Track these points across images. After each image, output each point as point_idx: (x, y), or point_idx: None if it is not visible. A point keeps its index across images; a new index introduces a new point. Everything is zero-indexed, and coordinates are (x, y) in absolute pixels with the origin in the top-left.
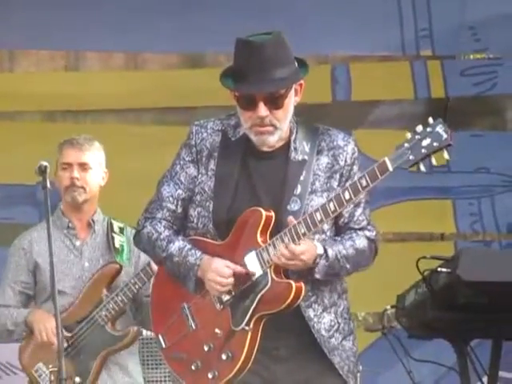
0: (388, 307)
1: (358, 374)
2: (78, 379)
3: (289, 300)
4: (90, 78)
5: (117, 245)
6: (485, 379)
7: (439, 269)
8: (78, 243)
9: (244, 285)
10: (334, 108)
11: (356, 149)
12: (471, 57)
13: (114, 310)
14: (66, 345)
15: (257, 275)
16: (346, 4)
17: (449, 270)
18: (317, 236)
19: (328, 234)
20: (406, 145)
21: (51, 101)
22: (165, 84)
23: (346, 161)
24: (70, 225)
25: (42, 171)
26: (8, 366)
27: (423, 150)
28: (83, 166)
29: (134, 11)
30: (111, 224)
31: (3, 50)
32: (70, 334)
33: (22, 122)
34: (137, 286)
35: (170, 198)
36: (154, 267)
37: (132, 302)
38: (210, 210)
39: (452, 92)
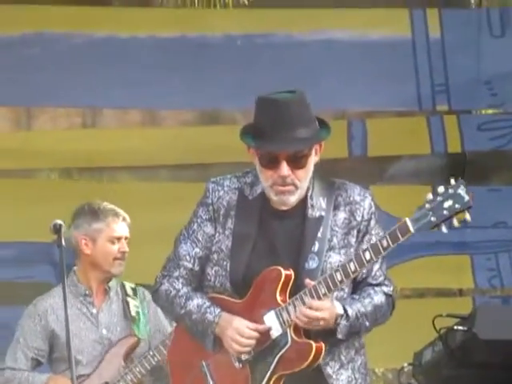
0: (405, 364)
1: None
2: None
3: (309, 360)
4: (107, 134)
5: (133, 313)
6: None
7: (455, 327)
8: (94, 311)
9: (264, 344)
10: (351, 163)
11: (373, 203)
12: (488, 112)
13: (132, 382)
14: None
15: (276, 335)
16: (362, 59)
17: (465, 328)
18: (335, 293)
19: (346, 290)
20: (428, 206)
21: (68, 158)
22: (181, 141)
23: (363, 216)
24: (87, 292)
25: (57, 230)
26: None
27: (445, 212)
28: (126, 240)
29: (149, 68)
30: (124, 287)
31: (20, 107)
32: None
33: (39, 180)
34: (155, 359)
35: (187, 257)
36: None
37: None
38: (228, 269)
39: (469, 147)
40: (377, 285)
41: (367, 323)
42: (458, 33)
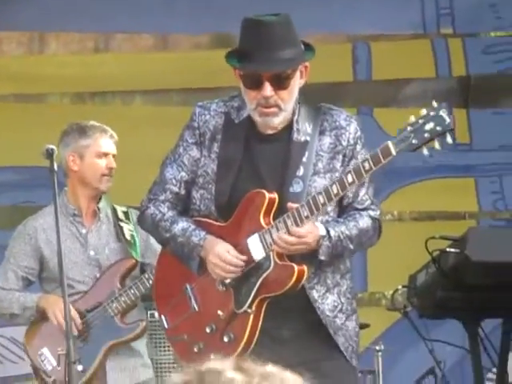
0: (400, 287)
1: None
2: (80, 367)
3: (291, 283)
4: (119, 59)
5: (128, 236)
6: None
7: (448, 249)
8: (83, 231)
9: (247, 267)
10: (355, 87)
11: (358, 128)
12: (492, 34)
13: (126, 303)
14: (75, 331)
15: (259, 258)
16: None
17: (457, 251)
18: (320, 217)
19: (331, 214)
20: (409, 128)
21: (80, 82)
22: (193, 64)
23: (348, 141)
24: (76, 212)
25: (50, 154)
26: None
27: (426, 135)
28: (114, 157)
29: None
30: (115, 210)
31: (33, 31)
32: (80, 321)
33: (51, 104)
34: (150, 281)
35: (173, 180)
36: None
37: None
38: (213, 192)
39: (473, 70)
40: (363, 209)
41: (351, 246)
42: None
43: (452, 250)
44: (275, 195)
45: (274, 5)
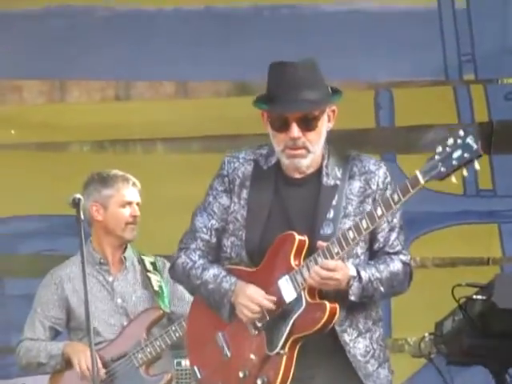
0: (426, 334)
1: None
2: None
3: (323, 320)
4: (140, 107)
5: (156, 287)
6: None
7: (475, 296)
8: (110, 279)
9: (278, 309)
10: (378, 133)
11: (388, 173)
12: None
13: (151, 355)
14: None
15: (291, 299)
16: (388, 29)
17: (484, 298)
18: (351, 260)
19: (362, 258)
20: (437, 157)
21: (101, 130)
22: (212, 112)
23: (378, 185)
24: (102, 260)
25: (76, 204)
26: None
27: (454, 162)
28: (138, 205)
29: (177, 41)
30: (143, 261)
31: (55, 79)
32: (104, 370)
33: (72, 153)
34: (177, 334)
35: (204, 229)
36: None
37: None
38: (243, 238)
39: (496, 116)
40: (394, 253)
41: (382, 288)
42: (484, 2)
43: (479, 297)
44: (305, 237)
45: (295, 53)
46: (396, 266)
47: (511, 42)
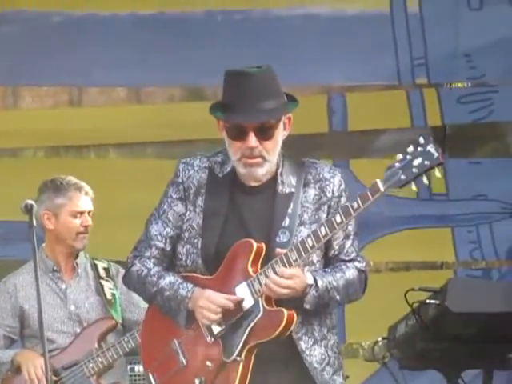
0: (380, 338)
1: None
2: None
3: (281, 327)
4: (93, 112)
5: (109, 296)
6: None
7: (428, 301)
8: (63, 286)
9: (235, 316)
10: (331, 138)
11: (342, 181)
12: (467, 84)
13: (102, 364)
14: None
15: (248, 306)
16: (341, 33)
17: (437, 302)
18: (306, 268)
19: (317, 265)
20: (397, 165)
21: (54, 136)
22: (166, 117)
23: (333, 192)
24: (55, 268)
25: (29, 210)
26: None
27: (414, 170)
28: (89, 214)
29: (131, 45)
30: (96, 266)
31: (7, 86)
32: (55, 378)
33: (25, 158)
34: (129, 345)
35: (159, 237)
36: None
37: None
38: (199, 246)
39: (449, 120)
40: (349, 261)
41: (338, 297)
42: (436, 6)
43: (432, 301)
44: (263, 244)
45: (248, 58)
46: (352, 274)
47: (464, 45)
